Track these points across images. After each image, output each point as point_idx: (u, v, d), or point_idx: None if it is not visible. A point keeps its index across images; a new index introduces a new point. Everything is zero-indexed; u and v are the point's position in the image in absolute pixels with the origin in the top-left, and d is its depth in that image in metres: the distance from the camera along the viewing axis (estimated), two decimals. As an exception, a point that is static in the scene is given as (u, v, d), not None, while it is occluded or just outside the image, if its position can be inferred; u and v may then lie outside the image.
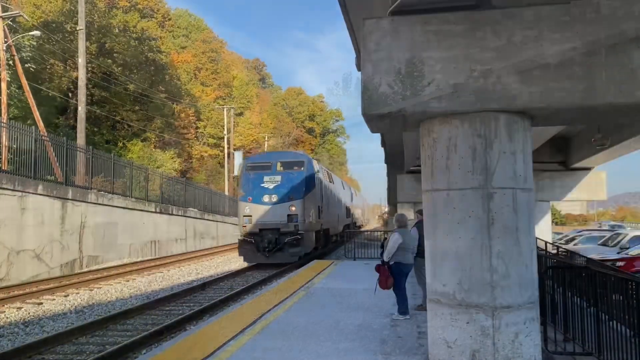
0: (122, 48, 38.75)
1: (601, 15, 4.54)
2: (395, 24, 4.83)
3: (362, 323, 7.51)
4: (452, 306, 4.77)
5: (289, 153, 23.75)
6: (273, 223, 18.56)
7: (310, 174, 19.79)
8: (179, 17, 65.85)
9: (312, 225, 19.54)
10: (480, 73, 4.65)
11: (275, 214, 18.65)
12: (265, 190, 19.10)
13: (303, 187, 19.01)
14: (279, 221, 18.54)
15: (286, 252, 18.50)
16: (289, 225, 18.47)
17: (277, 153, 24.65)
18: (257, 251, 18.67)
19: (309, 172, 19.81)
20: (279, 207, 18.71)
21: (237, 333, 6.90)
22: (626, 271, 10.66)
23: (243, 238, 18.94)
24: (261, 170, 19.97)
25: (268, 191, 19.06)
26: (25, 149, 17.28)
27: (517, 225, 4.69)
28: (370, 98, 4.81)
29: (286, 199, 18.73)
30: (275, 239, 18.47)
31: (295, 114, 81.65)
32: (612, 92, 4.47)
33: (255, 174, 19.85)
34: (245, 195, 19.45)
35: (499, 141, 4.72)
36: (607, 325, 5.58)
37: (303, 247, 18.60)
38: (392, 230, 8.88)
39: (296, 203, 18.70)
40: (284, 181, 19.19)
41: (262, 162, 20.69)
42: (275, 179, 19.31)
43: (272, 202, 18.86)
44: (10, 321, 10.13)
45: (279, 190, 18.94)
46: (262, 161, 21.03)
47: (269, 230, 18.59)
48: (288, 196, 18.75)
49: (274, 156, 21.62)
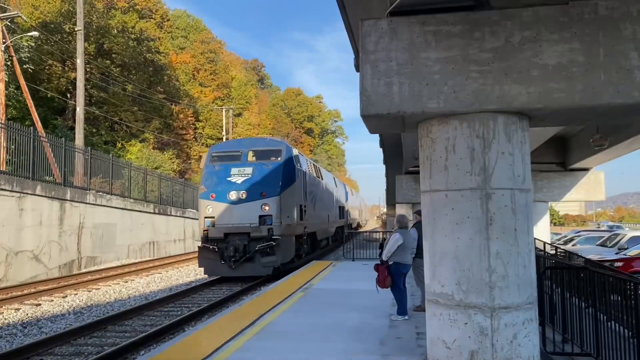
0: (121, 49, 38.75)
1: (599, 15, 4.55)
2: (394, 24, 4.83)
3: (361, 324, 7.51)
4: (451, 307, 4.77)
5: (263, 140, 19.15)
6: (241, 226, 15.09)
7: (289, 165, 16.42)
8: (177, 17, 65.81)
9: (291, 228, 16.08)
10: (479, 74, 4.65)
11: (243, 214, 15.15)
12: (232, 185, 15.53)
13: (280, 181, 15.53)
14: (249, 223, 15.05)
15: (257, 263, 14.96)
16: (260, 229, 14.99)
17: (249, 140, 19.88)
18: (221, 261, 14.98)
19: (289, 163, 16.41)
20: (248, 206, 15.21)
21: (236, 334, 6.89)
22: (624, 272, 10.66)
23: (204, 245, 15.26)
24: (228, 160, 16.41)
25: (236, 186, 15.49)
26: (24, 149, 17.27)
27: (515, 226, 4.70)
28: (369, 99, 4.81)
29: (258, 196, 15.22)
30: (243, 246, 14.93)
31: (294, 115, 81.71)
32: (610, 93, 4.47)
33: (221, 165, 16.28)
34: (207, 191, 15.80)
35: (497, 142, 4.72)
36: (605, 325, 5.58)
37: (279, 255, 15.05)
38: (393, 231, 8.89)
39: (270, 201, 15.16)
40: (256, 174, 15.67)
41: (230, 151, 16.93)
42: (246, 172, 15.78)
43: (241, 199, 15.30)
44: (9, 322, 10.11)
45: (249, 185, 15.44)
46: (229, 150, 17.16)
47: (236, 235, 15.07)
48: (260, 192, 15.26)
49: (245, 143, 17.69)
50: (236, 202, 15.30)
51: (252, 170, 15.82)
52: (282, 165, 15.94)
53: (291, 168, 16.45)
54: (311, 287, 11.20)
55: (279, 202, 15.25)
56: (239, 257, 14.86)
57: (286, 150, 16.67)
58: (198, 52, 59.17)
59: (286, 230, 15.57)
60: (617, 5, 4.52)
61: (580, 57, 4.53)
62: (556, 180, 21.82)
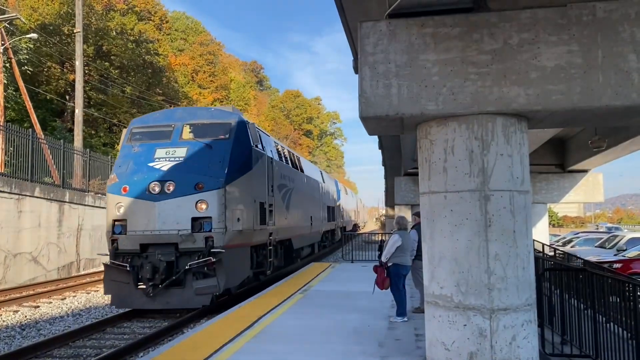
0: (120, 51, 38.73)
1: (597, 17, 4.56)
2: (392, 26, 4.84)
3: (360, 325, 7.51)
4: (450, 308, 4.77)
5: (207, 110, 13.10)
6: (165, 234, 10.14)
7: (243, 145, 11.48)
8: (176, 19, 65.85)
9: (244, 236, 11.15)
10: (477, 75, 4.66)
11: (169, 216, 10.18)
12: (154, 173, 10.55)
13: (226, 167, 10.61)
14: (177, 230, 10.09)
15: (188, 289, 10.11)
16: (194, 238, 10.08)
17: (186, 110, 13.38)
18: (134, 285, 10.26)
19: (242, 142, 11.43)
20: (177, 203, 10.21)
21: (235, 336, 6.89)
22: (623, 273, 10.68)
23: (111, 262, 10.58)
24: (154, 139, 11.38)
25: (159, 175, 10.50)
26: (23, 151, 17.25)
27: (514, 228, 4.70)
28: (368, 100, 4.82)
29: (192, 189, 10.28)
30: (168, 264, 10.12)
31: (293, 117, 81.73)
32: (608, 95, 4.49)
33: (143, 145, 11.27)
34: (117, 182, 10.79)
35: (495, 143, 4.73)
36: (604, 327, 5.59)
37: (222, 277, 10.11)
38: (392, 232, 8.90)
39: (210, 196, 10.23)
40: (191, 157, 10.78)
41: (157, 126, 11.73)
42: (176, 154, 10.82)
43: (166, 194, 10.29)
44: (7, 324, 10.09)
45: (179, 172, 10.50)
46: (157, 124, 11.84)
47: (158, 247, 10.22)
48: (196, 184, 10.30)
49: (180, 115, 12.01)
50: (159, 198, 10.24)
51: (187, 151, 10.84)
52: (231, 145, 10.96)
53: (246, 150, 11.56)
54: (310, 288, 11.20)
55: (222, 197, 10.29)
56: (162, 280, 10.04)
57: (238, 125, 11.39)
58: (197, 54, 59.19)
59: (235, 239, 10.65)
60: (615, 8, 4.54)
61: (578, 59, 4.55)
62: (555, 181, 21.86)
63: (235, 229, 10.70)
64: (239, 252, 10.99)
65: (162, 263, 10.10)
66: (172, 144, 11.11)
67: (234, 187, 10.78)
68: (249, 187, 11.57)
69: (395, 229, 8.39)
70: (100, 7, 39.02)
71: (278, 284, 12.09)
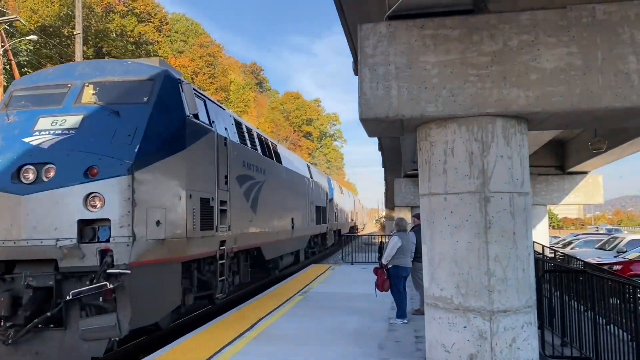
0: (120, 52, 38.75)
1: (597, 19, 4.57)
2: (392, 28, 4.85)
3: (360, 327, 7.50)
4: (450, 310, 4.77)
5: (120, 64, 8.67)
6: (36, 245, 6.37)
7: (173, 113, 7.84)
8: (176, 21, 65.93)
9: (170, 248, 7.31)
10: (477, 77, 4.67)
11: (43, 218, 6.40)
12: (27, 152, 6.81)
13: (138, 143, 6.84)
14: (54, 238, 6.31)
15: (73, 331, 6.32)
16: (81, 252, 6.33)
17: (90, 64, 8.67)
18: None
19: (171, 109, 7.81)
20: (54, 197, 6.43)
21: (235, 338, 6.88)
22: (623, 275, 10.68)
23: None
24: (41, 104, 7.64)
25: (35, 154, 6.74)
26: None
27: (514, 229, 4.70)
28: (367, 102, 4.82)
29: (79, 176, 6.48)
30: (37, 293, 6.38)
31: (293, 118, 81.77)
32: (608, 96, 4.49)
33: (22, 113, 7.55)
34: None
35: (495, 145, 4.73)
36: (604, 329, 5.59)
37: (126, 312, 6.32)
38: (391, 234, 8.90)
39: (107, 186, 6.44)
40: (86, 129, 7.03)
41: (48, 86, 7.92)
42: (66, 124, 7.12)
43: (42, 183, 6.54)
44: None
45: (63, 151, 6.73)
46: (48, 82, 8.01)
47: (26, 264, 6.48)
48: (87, 168, 6.53)
49: (82, 71, 8.06)
50: (28, 190, 6.51)
51: (81, 120, 7.16)
52: (149, 111, 7.29)
53: (176, 120, 7.87)
54: (310, 290, 11.19)
55: (128, 189, 6.53)
56: (27, 319, 6.31)
57: (163, 84, 7.76)
58: (197, 56, 59.23)
59: (152, 253, 6.86)
60: (615, 9, 4.55)
61: (578, 60, 4.55)
62: (555, 183, 21.86)
63: (153, 237, 6.85)
64: (158, 272, 7.07)
65: (29, 291, 6.32)
66: (63, 110, 7.41)
67: (149, 174, 6.94)
68: (178, 174, 7.69)
69: (394, 230, 8.40)
70: (100, 9, 39.09)
71: (278, 286, 12.08)
